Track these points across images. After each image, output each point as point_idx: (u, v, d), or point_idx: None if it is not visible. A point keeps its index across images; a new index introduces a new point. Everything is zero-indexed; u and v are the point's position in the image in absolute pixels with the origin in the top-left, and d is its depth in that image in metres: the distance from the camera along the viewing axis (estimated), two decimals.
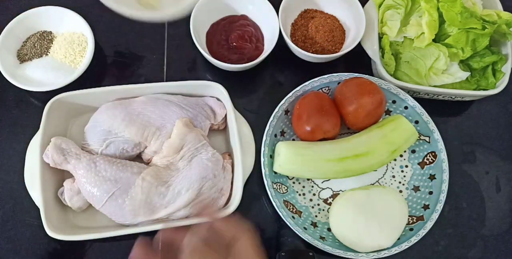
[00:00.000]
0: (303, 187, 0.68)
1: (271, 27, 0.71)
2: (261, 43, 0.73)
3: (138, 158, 0.65)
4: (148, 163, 0.65)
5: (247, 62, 0.68)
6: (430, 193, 0.66)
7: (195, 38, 0.67)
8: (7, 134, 0.69)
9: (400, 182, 0.69)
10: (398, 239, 0.62)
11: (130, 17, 0.54)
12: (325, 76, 0.68)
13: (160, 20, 0.57)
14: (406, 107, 0.69)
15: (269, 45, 0.70)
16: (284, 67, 0.76)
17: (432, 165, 0.67)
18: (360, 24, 0.70)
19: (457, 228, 0.68)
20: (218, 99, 0.67)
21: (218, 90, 0.66)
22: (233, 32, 0.72)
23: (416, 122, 0.69)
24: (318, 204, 0.67)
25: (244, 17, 0.74)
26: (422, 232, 0.62)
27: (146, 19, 0.56)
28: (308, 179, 0.68)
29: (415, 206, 0.66)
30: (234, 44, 0.71)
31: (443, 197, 0.64)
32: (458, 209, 0.69)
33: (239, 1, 0.73)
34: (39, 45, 0.71)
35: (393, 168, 0.69)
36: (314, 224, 0.65)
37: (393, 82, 0.68)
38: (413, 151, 0.70)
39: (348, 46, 0.71)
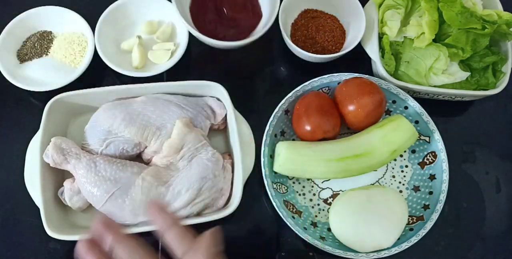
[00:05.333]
0: (303, 187, 0.68)
1: None
2: (257, 7, 0.64)
3: (138, 158, 0.65)
4: (148, 163, 0.65)
5: (247, 34, 0.60)
6: (430, 193, 0.66)
7: (181, 17, 0.59)
8: (7, 134, 0.69)
9: (400, 182, 0.69)
10: (398, 239, 0.62)
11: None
12: (325, 76, 0.68)
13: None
14: (406, 107, 0.69)
15: (270, 10, 0.60)
16: (284, 67, 0.76)
17: (432, 165, 0.67)
18: (360, 24, 0.70)
19: (457, 228, 0.68)
20: (218, 99, 0.67)
21: (218, 90, 0.66)
22: (223, 2, 0.62)
23: (416, 122, 0.69)
24: (318, 204, 0.67)
25: None
26: (422, 232, 0.62)
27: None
28: (308, 179, 0.68)
29: (415, 206, 0.66)
30: (227, 15, 0.61)
31: (443, 197, 0.64)
32: (458, 209, 0.69)
33: None
34: (39, 45, 0.71)
35: (393, 168, 0.69)
36: (314, 224, 0.65)
37: (393, 82, 0.68)
38: (413, 151, 0.70)
39: (348, 46, 0.71)
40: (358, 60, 0.74)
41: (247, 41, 0.57)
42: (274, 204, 0.61)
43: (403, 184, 0.69)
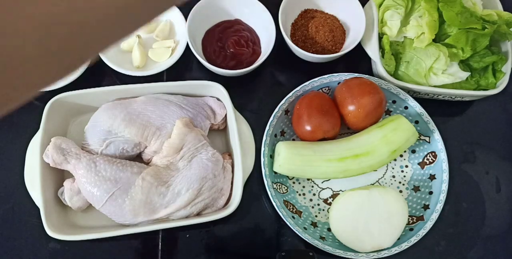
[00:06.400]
0: (303, 187, 0.68)
1: (266, 29, 0.71)
2: (258, 46, 0.72)
3: (138, 158, 0.65)
4: (148, 163, 0.65)
5: (246, 67, 0.68)
6: (430, 193, 0.66)
7: (191, 46, 0.67)
8: (7, 134, 0.68)
9: (400, 182, 0.69)
10: (398, 239, 0.62)
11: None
12: (325, 76, 0.68)
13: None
14: (406, 107, 0.69)
15: (266, 47, 0.70)
16: (284, 67, 0.76)
17: (432, 165, 0.67)
18: (360, 24, 0.70)
19: (457, 228, 0.68)
20: (218, 99, 0.67)
21: (218, 90, 0.66)
22: (229, 39, 0.71)
23: (416, 122, 0.69)
24: (318, 204, 0.67)
25: (238, 21, 0.73)
26: (422, 232, 0.62)
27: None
28: (308, 179, 0.68)
29: (415, 206, 0.66)
30: (231, 50, 0.71)
31: (443, 197, 0.64)
32: (458, 209, 0.69)
33: (232, 5, 0.72)
34: None
35: (393, 168, 0.69)
36: (314, 224, 0.65)
37: (393, 82, 0.68)
38: (413, 151, 0.70)
39: (348, 46, 0.71)
40: (358, 60, 0.74)
41: (244, 70, 0.67)
42: (274, 204, 0.61)
43: (403, 184, 0.69)
